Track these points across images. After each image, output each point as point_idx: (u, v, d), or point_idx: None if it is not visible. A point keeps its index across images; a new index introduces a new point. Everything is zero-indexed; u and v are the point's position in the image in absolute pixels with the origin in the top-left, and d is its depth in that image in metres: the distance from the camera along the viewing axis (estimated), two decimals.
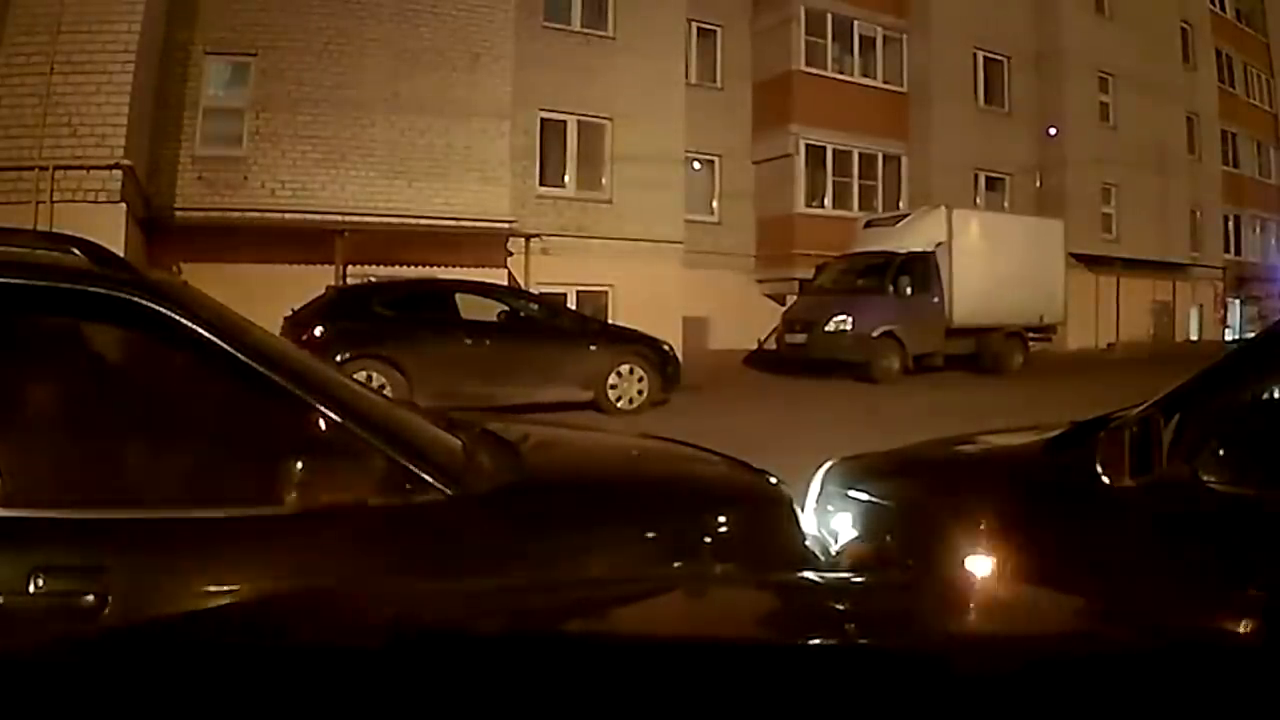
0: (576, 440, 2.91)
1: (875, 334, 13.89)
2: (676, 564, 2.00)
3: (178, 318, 1.75)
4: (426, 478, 1.83)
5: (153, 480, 1.85)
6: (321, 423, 1.78)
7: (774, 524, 2.25)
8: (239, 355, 1.77)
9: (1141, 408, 2.10)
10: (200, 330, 1.76)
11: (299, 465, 1.68)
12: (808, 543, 2.36)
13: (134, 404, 1.94)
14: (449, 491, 1.84)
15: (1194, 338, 24.82)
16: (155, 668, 0.89)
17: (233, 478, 1.83)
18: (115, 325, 1.81)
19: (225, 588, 1.61)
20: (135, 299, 1.75)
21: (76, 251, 1.97)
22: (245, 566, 1.67)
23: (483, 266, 12.88)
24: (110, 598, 1.55)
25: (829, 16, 19.37)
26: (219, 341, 1.77)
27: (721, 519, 2.19)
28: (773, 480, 2.49)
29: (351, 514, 1.73)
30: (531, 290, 12.76)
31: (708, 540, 2.11)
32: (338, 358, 8.86)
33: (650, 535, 2.04)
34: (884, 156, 20.14)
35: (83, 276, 1.82)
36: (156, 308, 1.75)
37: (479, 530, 1.86)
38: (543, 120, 15.31)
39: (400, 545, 1.80)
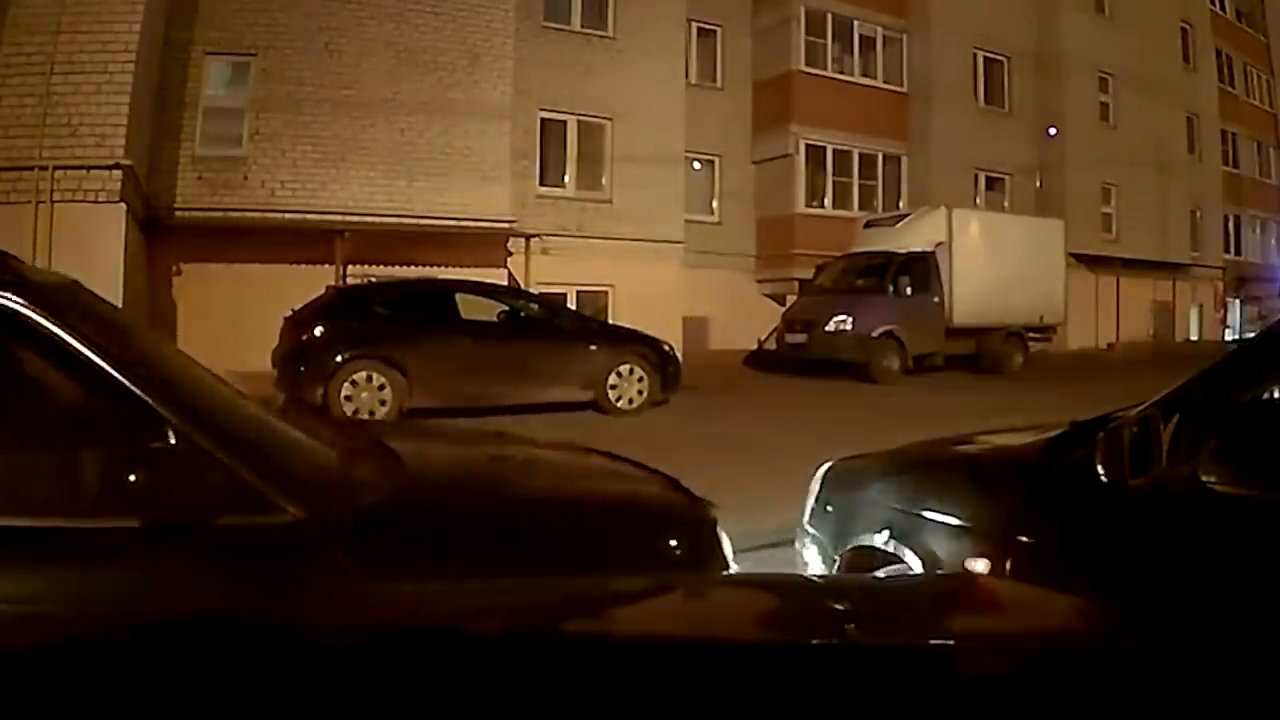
0: (482, 454, 2.70)
1: (875, 334, 13.89)
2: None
3: (35, 317, 1.66)
4: (272, 496, 1.69)
5: None
6: (172, 434, 1.66)
7: (691, 548, 2.11)
8: (95, 359, 1.66)
9: (1141, 408, 2.10)
10: (58, 331, 1.66)
11: (142, 478, 1.59)
12: (728, 570, 2.16)
13: None
14: (297, 513, 1.70)
15: (1194, 338, 24.82)
16: (149, 669, 0.89)
17: (74, 488, 1.73)
18: None
19: (46, 603, 1.52)
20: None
21: None
22: (73, 580, 1.58)
23: (483, 266, 12.87)
24: None
25: (829, 16, 19.37)
26: (76, 344, 1.67)
27: (628, 542, 2.04)
28: (698, 500, 2.35)
29: (188, 533, 1.62)
30: (531, 290, 12.75)
31: (612, 566, 1.94)
32: (337, 358, 8.89)
33: (539, 563, 1.85)
34: (884, 156, 20.13)
35: None
36: (14, 306, 1.66)
37: (320, 558, 1.71)
38: (543, 120, 15.30)
39: (232, 570, 1.66)
